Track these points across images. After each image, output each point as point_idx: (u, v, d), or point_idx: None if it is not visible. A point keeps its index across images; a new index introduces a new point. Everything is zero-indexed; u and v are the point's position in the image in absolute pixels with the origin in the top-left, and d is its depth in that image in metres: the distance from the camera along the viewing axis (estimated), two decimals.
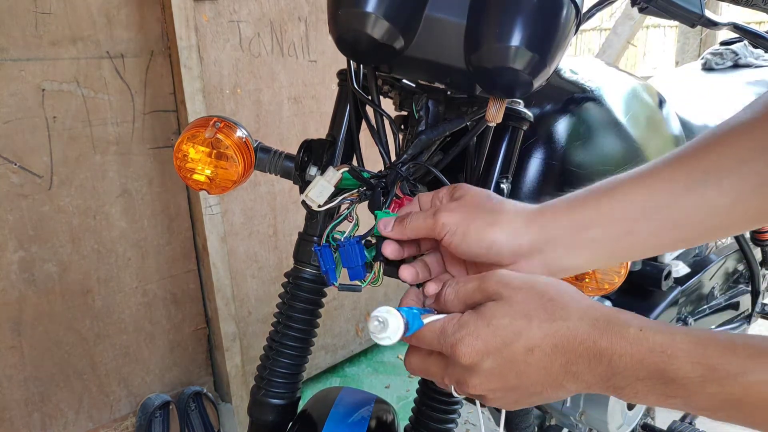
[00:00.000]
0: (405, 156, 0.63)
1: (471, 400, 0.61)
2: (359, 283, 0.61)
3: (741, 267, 1.47)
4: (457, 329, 0.44)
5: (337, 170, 0.62)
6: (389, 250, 0.56)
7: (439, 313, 0.48)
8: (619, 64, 2.16)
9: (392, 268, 0.66)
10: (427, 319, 0.47)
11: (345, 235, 0.60)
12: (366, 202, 0.63)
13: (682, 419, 1.48)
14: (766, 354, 0.37)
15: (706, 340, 0.39)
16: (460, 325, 0.44)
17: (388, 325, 0.44)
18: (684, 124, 1.15)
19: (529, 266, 0.51)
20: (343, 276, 0.62)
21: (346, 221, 0.63)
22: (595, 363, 0.41)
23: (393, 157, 0.65)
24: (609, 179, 0.53)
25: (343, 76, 0.75)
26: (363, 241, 0.60)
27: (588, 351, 0.41)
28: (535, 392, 0.44)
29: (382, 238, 0.57)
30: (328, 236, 0.62)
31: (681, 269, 1.32)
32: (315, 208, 0.62)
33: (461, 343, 0.43)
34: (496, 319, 0.43)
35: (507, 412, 0.90)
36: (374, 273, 0.59)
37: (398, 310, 0.45)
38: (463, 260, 0.56)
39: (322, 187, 0.62)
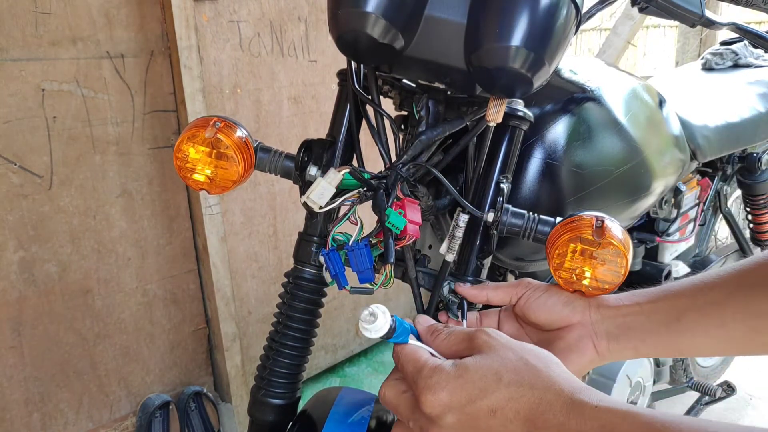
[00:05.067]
0: (405, 156, 0.63)
1: None
2: (370, 286, 0.61)
3: None
4: (431, 374, 0.45)
5: (338, 172, 0.62)
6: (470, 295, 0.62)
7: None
8: (619, 64, 2.16)
9: (400, 269, 0.66)
10: (413, 341, 0.50)
11: (353, 239, 0.60)
12: (367, 202, 0.63)
13: None
14: None
15: (652, 424, 0.39)
16: (435, 370, 0.45)
17: (377, 320, 0.47)
18: (684, 124, 1.15)
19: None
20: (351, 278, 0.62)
21: (348, 223, 0.63)
22: None
23: (393, 157, 0.65)
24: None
25: (343, 76, 0.75)
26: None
27: (547, 423, 0.42)
28: None
29: (390, 237, 0.57)
30: (331, 239, 0.62)
31: (681, 269, 1.32)
32: (316, 209, 0.62)
33: (429, 390, 0.44)
34: (469, 373, 0.44)
35: None
36: (386, 274, 0.59)
37: (393, 316, 0.48)
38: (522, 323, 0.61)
39: (323, 188, 0.62)
